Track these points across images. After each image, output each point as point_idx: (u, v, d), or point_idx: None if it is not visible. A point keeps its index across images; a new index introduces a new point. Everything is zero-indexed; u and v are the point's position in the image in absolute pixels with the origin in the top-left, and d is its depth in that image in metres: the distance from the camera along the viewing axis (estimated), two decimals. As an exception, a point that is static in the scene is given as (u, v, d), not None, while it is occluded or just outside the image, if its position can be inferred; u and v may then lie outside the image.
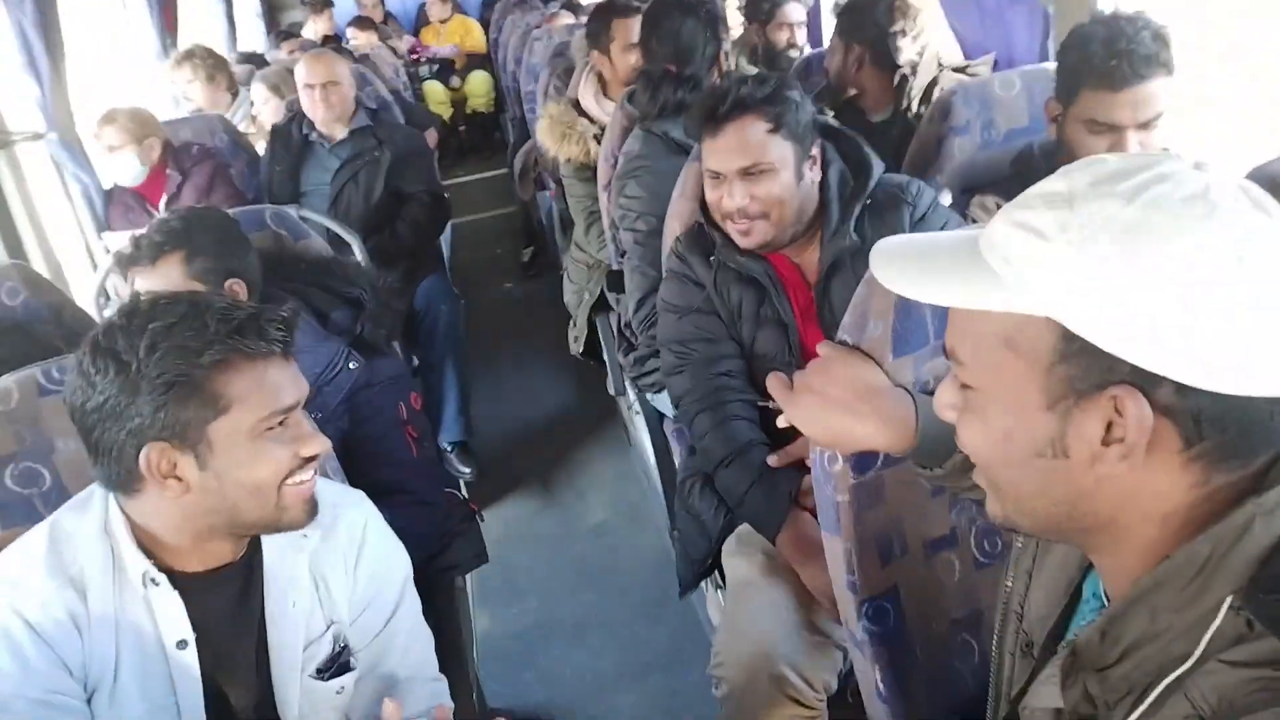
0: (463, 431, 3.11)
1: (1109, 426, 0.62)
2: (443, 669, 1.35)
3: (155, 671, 1.10)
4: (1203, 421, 0.60)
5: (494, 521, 2.83)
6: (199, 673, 1.12)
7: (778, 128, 1.54)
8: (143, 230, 1.68)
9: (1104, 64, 1.55)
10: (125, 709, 1.08)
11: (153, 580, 1.09)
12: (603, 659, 2.36)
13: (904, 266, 0.73)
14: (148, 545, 1.09)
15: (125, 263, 1.65)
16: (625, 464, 3.15)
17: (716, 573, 1.81)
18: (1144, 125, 1.57)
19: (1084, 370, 0.62)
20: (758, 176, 1.55)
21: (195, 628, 1.10)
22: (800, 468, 1.59)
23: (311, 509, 1.12)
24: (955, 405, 0.74)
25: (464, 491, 2.70)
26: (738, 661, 1.47)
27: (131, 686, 1.08)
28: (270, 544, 1.16)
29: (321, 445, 1.09)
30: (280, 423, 1.06)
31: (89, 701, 1.07)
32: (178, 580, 1.10)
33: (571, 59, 3.54)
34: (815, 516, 1.41)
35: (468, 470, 3.09)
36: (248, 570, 1.16)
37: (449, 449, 3.09)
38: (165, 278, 1.61)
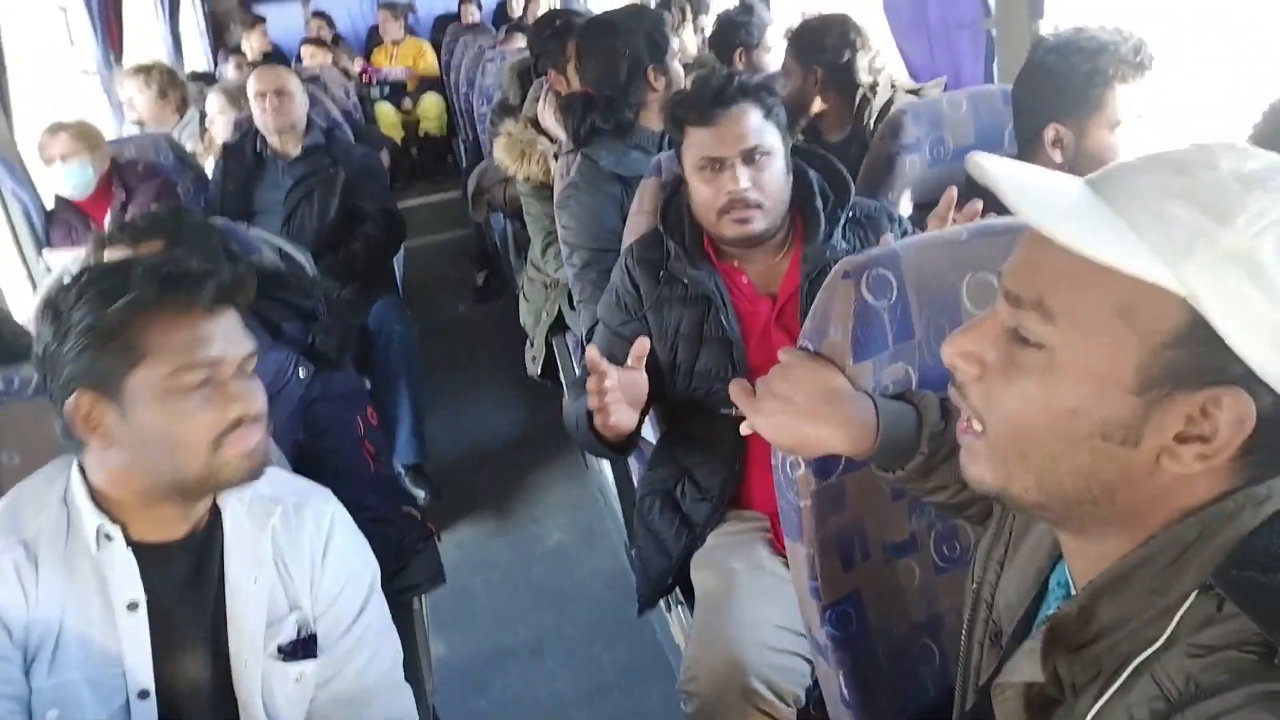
0: (416, 454, 3.07)
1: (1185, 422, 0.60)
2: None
3: (101, 636, 1.07)
4: (1274, 432, 0.60)
5: (448, 545, 2.79)
6: (149, 640, 1.09)
7: (769, 115, 1.58)
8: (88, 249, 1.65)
9: (1133, 56, 1.52)
10: (66, 675, 1.06)
11: (107, 536, 1.07)
12: (560, 681, 2.33)
13: (1035, 196, 0.64)
14: (105, 507, 1.08)
15: (103, 242, 1.60)
16: (581, 486, 3.13)
17: (677, 590, 1.80)
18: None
19: (1196, 361, 0.59)
20: (759, 160, 1.57)
21: (148, 595, 1.09)
22: None
23: (253, 465, 1.09)
24: (986, 360, 0.68)
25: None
26: (709, 675, 1.46)
27: (74, 652, 1.06)
28: (232, 517, 1.14)
29: (249, 406, 1.07)
30: (205, 380, 1.04)
31: (29, 671, 1.04)
32: (133, 547, 1.09)
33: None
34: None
35: (421, 493, 3.05)
36: (207, 542, 1.14)
37: (403, 471, 3.05)
38: None
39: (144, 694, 1.09)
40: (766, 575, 1.58)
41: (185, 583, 1.13)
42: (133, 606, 1.08)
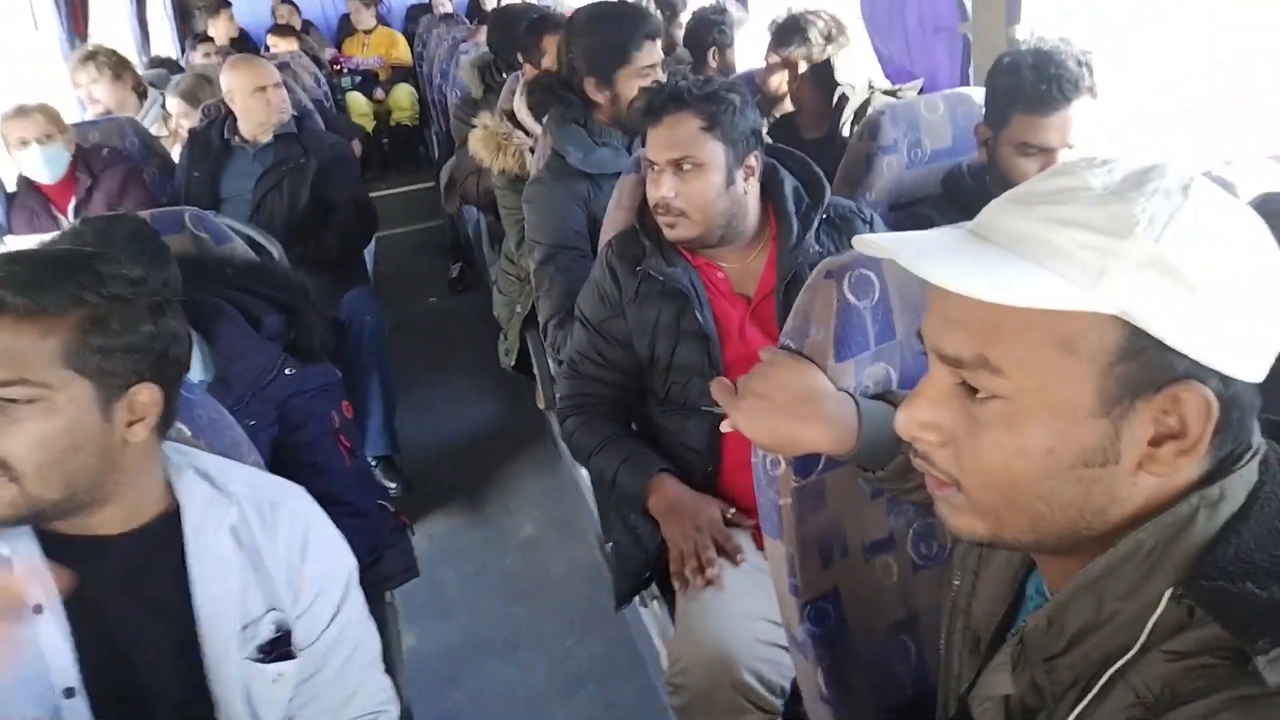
0: (388, 446, 3.04)
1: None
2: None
3: (26, 635, 1.05)
4: (1231, 411, 0.62)
5: (420, 538, 2.76)
6: (67, 640, 1.06)
7: (711, 127, 1.56)
8: (51, 236, 1.60)
9: (1034, 89, 1.60)
10: None
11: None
12: (534, 674, 2.33)
13: (941, 261, 0.65)
14: None
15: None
16: (554, 479, 3.13)
17: (654, 585, 1.81)
18: (1072, 146, 1.63)
19: (1145, 369, 0.61)
20: (686, 172, 1.57)
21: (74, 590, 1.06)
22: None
23: None
24: (945, 426, 0.68)
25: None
26: (698, 667, 1.46)
27: (5, 650, 1.03)
28: (189, 518, 1.11)
29: None
30: None
31: None
32: (60, 540, 1.06)
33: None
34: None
35: (393, 485, 3.03)
36: (157, 539, 1.10)
37: (374, 463, 3.03)
38: None
39: (69, 692, 1.06)
40: (750, 569, 1.59)
41: (125, 579, 1.09)
42: (37, 609, 1.05)
